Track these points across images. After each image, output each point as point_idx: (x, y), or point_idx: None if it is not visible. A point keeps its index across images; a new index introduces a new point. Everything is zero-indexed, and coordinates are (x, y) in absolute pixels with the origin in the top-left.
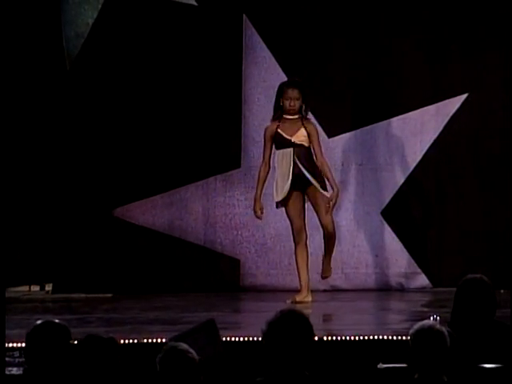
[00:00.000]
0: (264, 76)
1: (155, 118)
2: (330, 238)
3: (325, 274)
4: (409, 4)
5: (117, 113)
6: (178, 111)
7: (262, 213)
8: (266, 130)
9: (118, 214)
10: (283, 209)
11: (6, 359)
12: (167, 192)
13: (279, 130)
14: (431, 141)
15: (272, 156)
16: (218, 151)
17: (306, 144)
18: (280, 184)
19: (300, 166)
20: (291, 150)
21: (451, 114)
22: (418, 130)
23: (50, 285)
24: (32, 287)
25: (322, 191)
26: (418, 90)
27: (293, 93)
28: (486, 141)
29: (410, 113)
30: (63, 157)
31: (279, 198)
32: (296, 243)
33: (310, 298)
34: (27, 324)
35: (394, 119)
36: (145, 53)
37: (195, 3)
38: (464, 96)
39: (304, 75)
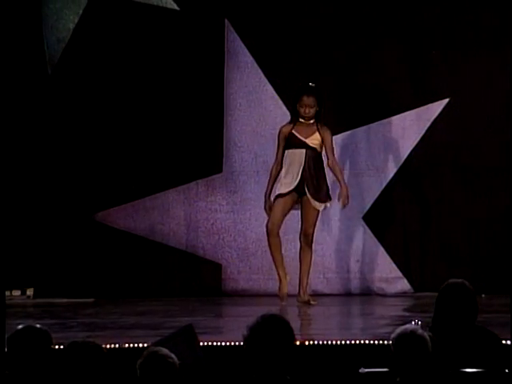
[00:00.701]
0: (246, 81)
1: (137, 123)
2: (306, 252)
3: (302, 298)
4: (390, 9)
5: (98, 117)
6: (160, 116)
7: (271, 210)
8: (280, 130)
9: (99, 219)
10: (265, 213)
11: None
12: (149, 196)
13: (294, 131)
14: (412, 146)
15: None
16: (200, 156)
17: (319, 149)
18: (284, 181)
19: (308, 171)
20: (304, 151)
21: (432, 119)
22: (400, 134)
23: (32, 289)
24: (13, 292)
25: (314, 203)
26: (399, 95)
27: (308, 100)
28: (467, 146)
29: (392, 118)
30: (44, 161)
31: (281, 191)
32: (269, 234)
33: (289, 278)
34: (8, 329)
35: (376, 124)
36: (126, 57)
37: (177, 8)
38: (445, 101)
39: (285, 80)
